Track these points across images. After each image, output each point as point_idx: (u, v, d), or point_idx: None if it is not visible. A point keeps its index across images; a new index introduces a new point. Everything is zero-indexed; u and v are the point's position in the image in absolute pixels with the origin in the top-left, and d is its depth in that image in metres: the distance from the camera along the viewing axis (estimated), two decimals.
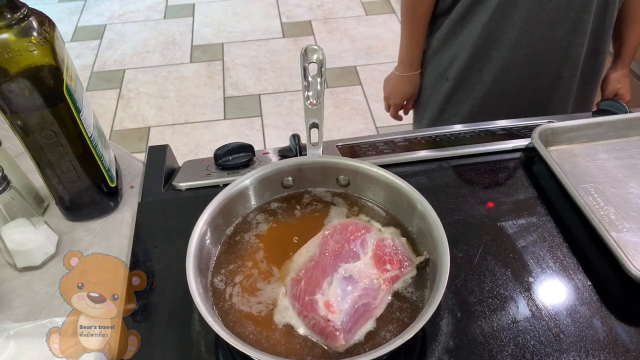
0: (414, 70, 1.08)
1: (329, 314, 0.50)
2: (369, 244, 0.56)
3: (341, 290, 0.52)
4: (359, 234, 0.57)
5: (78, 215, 0.72)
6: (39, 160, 0.64)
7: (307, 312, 0.51)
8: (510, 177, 0.74)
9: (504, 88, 0.99)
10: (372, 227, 0.58)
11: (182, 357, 0.55)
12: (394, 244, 0.57)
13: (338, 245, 0.56)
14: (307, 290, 0.53)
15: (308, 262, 0.55)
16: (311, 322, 0.51)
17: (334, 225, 0.58)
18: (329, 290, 0.52)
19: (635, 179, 0.73)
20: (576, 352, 0.54)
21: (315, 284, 0.53)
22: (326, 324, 0.50)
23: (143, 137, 2.32)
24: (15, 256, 0.64)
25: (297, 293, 0.53)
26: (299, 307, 0.52)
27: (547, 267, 0.62)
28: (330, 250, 0.55)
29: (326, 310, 0.51)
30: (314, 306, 0.51)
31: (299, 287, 0.53)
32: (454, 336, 0.55)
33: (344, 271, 0.54)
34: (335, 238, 0.56)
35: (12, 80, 0.56)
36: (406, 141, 0.81)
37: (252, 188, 0.62)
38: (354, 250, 0.55)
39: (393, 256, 0.56)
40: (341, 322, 0.50)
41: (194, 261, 0.52)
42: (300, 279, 0.54)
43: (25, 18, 0.56)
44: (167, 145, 0.82)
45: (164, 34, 2.99)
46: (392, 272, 0.55)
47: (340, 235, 0.57)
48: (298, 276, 0.54)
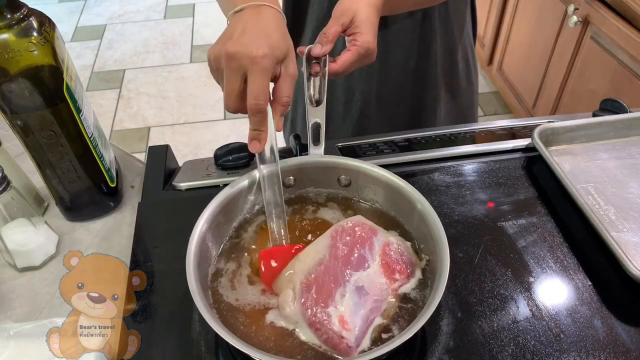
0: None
1: (343, 331, 0.50)
2: (376, 249, 0.56)
3: (354, 303, 0.51)
4: (367, 237, 0.56)
5: (78, 215, 0.72)
6: (39, 161, 0.64)
7: (319, 325, 0.50)
8: (510, 177, 0.74)
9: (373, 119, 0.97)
10: (378, 229, 0.58)
11: (182, 357, 0.54)
12: (399, 248, 0.57)
13: (347, 248, 0.55)
14: (318, 301, 0.51)
15: (317, 265, 0.54)
16: (324, 335, 0.50)
17: (342, 225, 0.57)
18: (342, 302, 0.51)
19: (635, 179, 0.73)
20: (576, 352, 0.54)
21: (327, 293, 0.52)
22: (340, 341, 0.49)
23: (143, 137, 2.32)
24: (16, 256, 0.64)
25: (308, 302, 0.51)
26: (311, 318, 0.51)
27: (548, 267, 0.62)
28: (340, 256, 0.54)
29: (340, 327, 0.50)
30: (327, 320, 0.50)
31: (309, 295, 0.52)
32: (454, 336, 0.55)
33: (355, 281, 0.53)
34: (344, 240, 0.55)
35: (12, 80, 0.56)
36: (406, 141, 0.81)
37: (252, 188, 0.62)
38: (364, 256, 0.55)
39: (400, 263, 0.55)
40: (355, 338, 0.50)
41: (194, 261, 0.52)
42: (310, 285, 0.52)
43: (25, 18, 0.56)
44: (167, 146, 0.82)
45: (164, 34, 3.00)
46: (400, 282, 0.54)
47: (349, 237, 0.56)
48: (308, 281, 0.53)
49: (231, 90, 0.53)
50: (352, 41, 0.64)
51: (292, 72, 0.57)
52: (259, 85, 0.52)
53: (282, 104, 0.56)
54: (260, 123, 0.54)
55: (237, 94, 0.54)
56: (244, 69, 0.52)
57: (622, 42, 1.42)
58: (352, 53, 0.63)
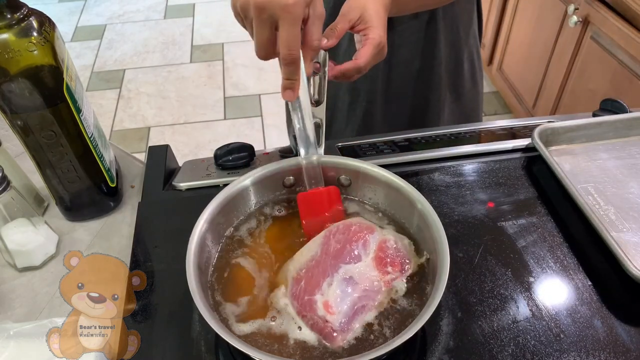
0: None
1: (328, 315, 0.51)
2: (371, 245, 0.56)
3: (341, 291, 0.53)
4: (362, 234, 0.57)
5: (78, 215, 0.72)
6: (39, 160, 0.64)
7: (305, 311, 0.52)
8: (510, 177, 0.74)
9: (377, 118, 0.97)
10: (375, 228, 0.58)
11: (182, 357, 0.54)
12: (396, 245, 0.57)
13: (339, 245, 0.56)
14: (306, 290, 0.53)
15: (309, 261, 0.55)
16: (310, 321, 0.51)
17: (337, 225, 0.58)
18: (329, 290, 0.52)
19: (635, 179, 0.73)
20: (576, 352, 0.54)
21: (315, 284, 0.53)
22: (324, 325, 0.50)
23: (143, 137, 2.32)
24: (16, 256, 0.64)
25: (297, 292, 0.53)
26: (298, 307, 0.52)
27: (547, 267, 0.62)
28: (332, 251, 0.55)
29: (324, 311, 0.51)
30: (313, 306, 0.52)
31: (299, 287, 0.53)
32: (454, 336, 0.55)
33: (344, 272, 0.54)
34: (337, 238, 0.56)
35: (12, 80, 0.56)
36: (406, 141, 0.81)
37: (253, 188, 0.62)
38: (356, 252, 0.55)
39: (395, 258, 0.56)
40: (339, 323, 0.50)
41: (194, 261, 0.52)
42: (300, 278, 0.54)
43: (25, 18, 0.56)
44: (167, 146, 0.82)
45: (164, 34, 3.00)
46: (393, 275, 0.55)
47: (342, 235, 0.57)
48: (299, 275, 0.54)
49: (263, 40, 0.53)
50: (364, 36, 0.64)
51: (320, 13, 0.56)
52: (291, 34, 0.51)
53: (313, 49, 0.56)
54: (294, 72, 0.54)
55: (269, 43, 0.53)
56: (275, 18, 0.51)
57: (622, 42, 1.42)
58: (369, 47, 0.63)
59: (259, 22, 0.52)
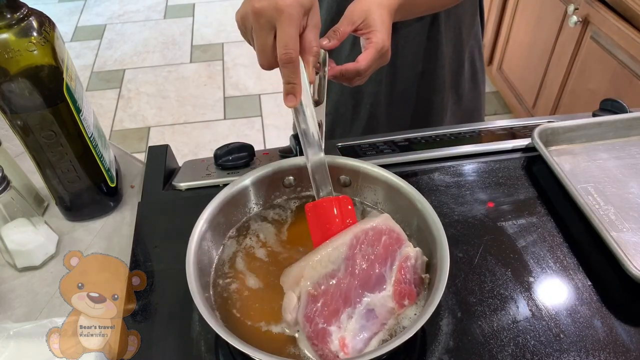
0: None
1: (341, 353, 0.48)
2: (396, 263, 0.53)
3: (360, 326, 0.50)
4: (392, 248, 0.53)
5: (78, 215, 0.72)
6: (39, 160, 0.64)
7: (317, 340, 0.48)
8: (510, 177, 0.74)
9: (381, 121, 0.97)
10: (404, 238, 0.55)
11: (182, 357, 0.54)
12: (415, 264, 0.54)
13: (366, 264, 0.51)
14: (322, 315, 0.49)
15: (329, 277, 0.50)
16: (319, 351, 0.48)
17: (366, 230, 0.53)
18: (347, 324, 0.49)
19: (635, 179, 0.73)
20: (576, 352, 0.54)
21: (333, 311, 0.49)
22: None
23: (143, 137, 2.32)
24: (15, 256, 0.64)
25: (311, 314, 0.49)
26: (310, 332, 0.49)
27: (547, 267, 0.62)
28: (357, 273, 0.51)
29: (339, 348, 0.48)
30: (327, 338, 0.48)
31: (314, 307, 0.49)
32: (454, 336, 0.55)
33: (367, 304, 0.51)
34: (365, 251, 0.51)
35: (12, 80, 0.56)
36: (406, 141, 0.81)
37: (253, 188, 0.62)
38: (382, 276, 0.52)
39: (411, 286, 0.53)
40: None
41: (194, 261, 0.52)
42: (317, 298, 0.49)
43: (25, 18, 0.56)
44: (167, 145, 0.82)
45: (164, 34, 3.00)
46: (407, 307, 0.53)
47: (371, 247, 0.52)
48: (317, 292, 0.49)
49: (263, 46, 0.53)
50: (367, 40, 0.64)
51: (316, 23, 0.56)
52: (286, 34, 0.51)
53: (313, 54, 0.56)
54: (292, 74, 0.53)
55: (269, 50, 0.53)
56: (272, 22, 0.52)
57: (622, 42, 1.42)
58: (371, 50, 0.63)
59: (258, 27, 0.53)
